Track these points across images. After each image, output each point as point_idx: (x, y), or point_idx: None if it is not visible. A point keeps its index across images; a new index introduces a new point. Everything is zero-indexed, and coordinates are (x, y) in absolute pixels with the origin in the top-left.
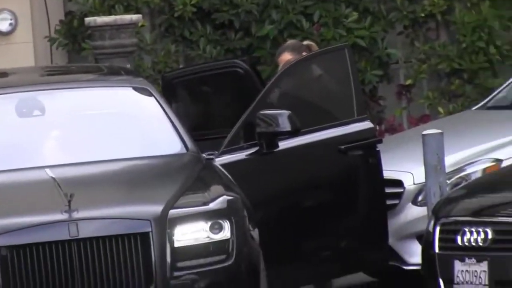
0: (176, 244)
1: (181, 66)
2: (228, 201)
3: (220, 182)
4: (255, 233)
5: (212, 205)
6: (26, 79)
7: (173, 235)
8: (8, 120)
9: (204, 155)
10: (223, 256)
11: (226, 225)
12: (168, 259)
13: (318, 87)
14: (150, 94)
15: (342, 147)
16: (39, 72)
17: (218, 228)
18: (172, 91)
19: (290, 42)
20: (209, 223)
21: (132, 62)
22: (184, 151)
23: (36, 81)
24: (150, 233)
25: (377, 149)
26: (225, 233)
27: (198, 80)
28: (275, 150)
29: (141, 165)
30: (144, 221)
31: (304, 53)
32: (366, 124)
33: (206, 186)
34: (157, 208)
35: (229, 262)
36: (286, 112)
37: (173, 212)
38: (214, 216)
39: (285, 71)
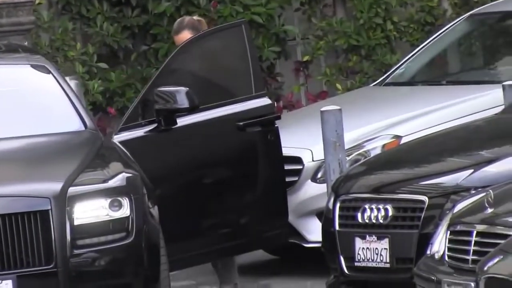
0: (76, 222)
1: (78, 43)
2: (127, 178)
3: (119, 159)
4: (155, 210)
5: (111, 183)
6: None
7: (73, 213)
8: None
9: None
10: (123, 234)
11: (126, 202)
12: (68, 237)
13: (216, 64)
14: (48, 72)
15: (241, 123)
16: None
17: (118, 205)
18: None
19: (188, 20)
20: (109, 201)
21: (29, 40)
22: (83, 128)
23: None
24: (50, 211)
25: (276, 125)
26: (125, 210)
27: None
28: (173, 127)
29: (40, 142)
30: (44, 198)
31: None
32: (265, 101)
33: (105, 163)
34: (57, 186)
35: (129, 240)
36: (183, 89)
37: (72, 189)
38: (113, 194)
39: (182, 47)
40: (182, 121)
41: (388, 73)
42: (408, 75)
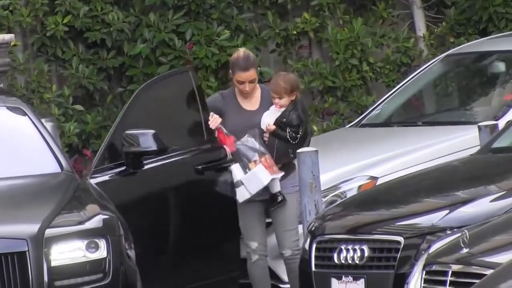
0: (53, 263)
1: (54, 85)
2: (104, 220)
3: (96, 201)
4: (132, 252)
5: (87, 224)
6: None
7: (50, 254)
8: None
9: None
10: (99, 275)
11: (102, 244)
12: (45, 278)
13: (170, 110)
14: (24, 114)
15: (200, 167)
16: None
17: (94, 247)
18: None
19: (253, 58)
20: (85, 242)
21: (5, 82)
22: (59, 170)
23: None
24: (27, 252)
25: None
26: (101, 252)
27: None
28: (140, 169)
29: (17, 184)
30: (21, 240)
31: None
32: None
33: (81, 205)
34: (34, 227)
35: (106, 281)
36: (151, 132)
37: (49, 231)
38: (90, 235)
39: (138, 93)
40: (146, 164)
41: (364, 114)
42: (384, 116)
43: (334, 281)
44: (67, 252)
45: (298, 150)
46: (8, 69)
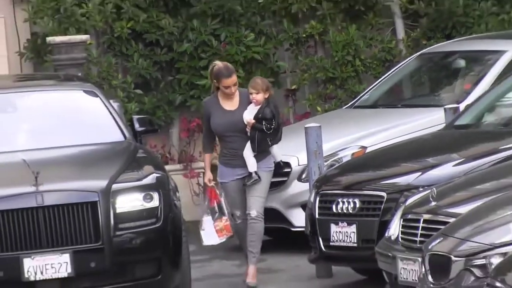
0: (118, 210)
1: (119, 74)
2: (157, 177)
3: (151, 163)
4: (178, 202)
5: (144, 181)
6: (2, 84)
7: (115, 204)
8: None
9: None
10: (153, 220)
11: (156, 196)
12: (112, 221)
13: None
14: (97, 96)
15: None
16: (12, 78)
17: (150, 198)
18: None
19: (232, 66)
20: (143, 194)
21: (82, 72)
22: (123, 139)
23: (10, 85)
24: (98, 202)
25: None
26: (155, 202)
27: None
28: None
29: (90, 150)
30: (93, 192)
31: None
32: None
33: (140, 166)
34: (103, 183)
35: (158, 225)
36: (147, 116)
37: (115, 186)
38: (146, 189)
39: None
40: None
41: (357, 98)
42: (372, 100)
43: (332, 226)
44: (128, 202)
45: (306, 126)
46: (85, 62)
